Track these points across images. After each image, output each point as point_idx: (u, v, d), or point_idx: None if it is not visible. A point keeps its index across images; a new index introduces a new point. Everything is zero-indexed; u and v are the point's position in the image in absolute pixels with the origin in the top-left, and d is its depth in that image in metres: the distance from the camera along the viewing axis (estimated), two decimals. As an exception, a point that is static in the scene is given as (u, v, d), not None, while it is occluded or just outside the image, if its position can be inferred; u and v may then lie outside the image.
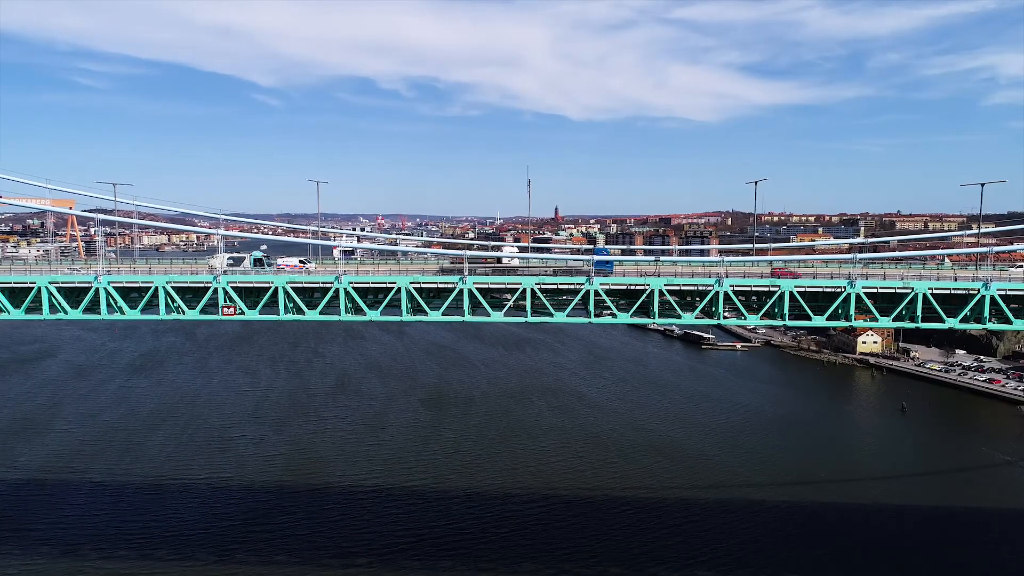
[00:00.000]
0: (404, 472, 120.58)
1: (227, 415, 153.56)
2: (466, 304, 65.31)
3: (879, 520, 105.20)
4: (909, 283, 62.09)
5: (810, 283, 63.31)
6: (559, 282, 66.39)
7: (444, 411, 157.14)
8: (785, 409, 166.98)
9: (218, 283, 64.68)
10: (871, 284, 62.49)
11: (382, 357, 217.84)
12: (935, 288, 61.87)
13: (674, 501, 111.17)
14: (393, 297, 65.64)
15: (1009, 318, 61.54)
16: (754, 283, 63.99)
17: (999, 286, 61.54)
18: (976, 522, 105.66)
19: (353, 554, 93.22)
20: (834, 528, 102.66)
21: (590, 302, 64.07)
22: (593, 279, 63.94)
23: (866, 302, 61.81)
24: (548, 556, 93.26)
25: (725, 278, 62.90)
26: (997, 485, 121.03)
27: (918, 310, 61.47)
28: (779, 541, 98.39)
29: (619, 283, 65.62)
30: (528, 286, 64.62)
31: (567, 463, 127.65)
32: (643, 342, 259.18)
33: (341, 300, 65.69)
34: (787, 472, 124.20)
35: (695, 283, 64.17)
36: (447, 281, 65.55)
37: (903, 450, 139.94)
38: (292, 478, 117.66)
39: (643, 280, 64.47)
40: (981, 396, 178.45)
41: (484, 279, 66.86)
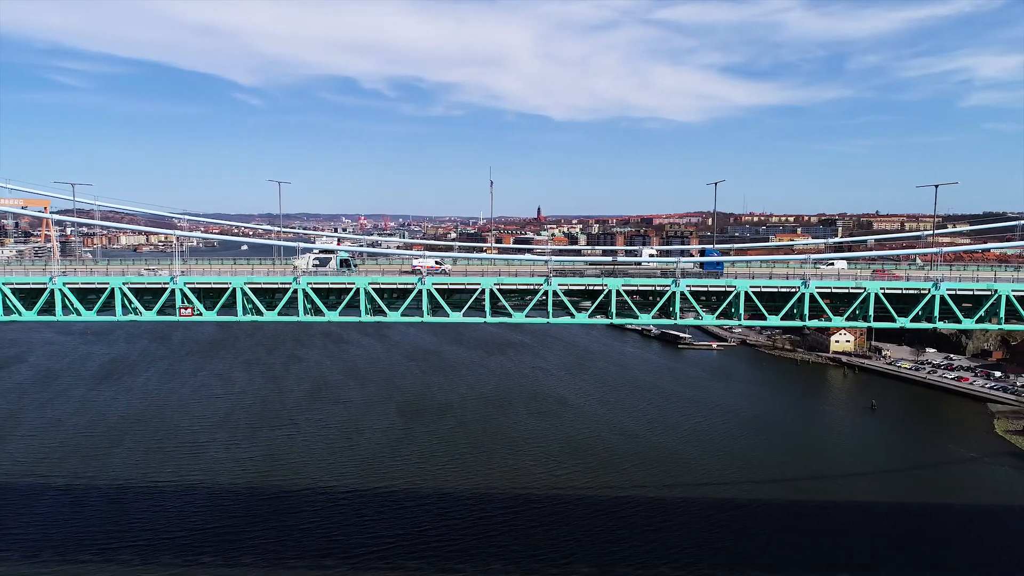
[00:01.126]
0: (375, 479, 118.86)
1: (196, 421, 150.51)
2: (425, 305, 65.24)
3: (845, 517, 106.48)
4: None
5: (765, 283, 64.04)
6: (518, 283, 66.68)
7: (420, 417, 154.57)
8: (758, 408, 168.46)
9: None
10: (825, 284, 63.33)
11: (361, 361, 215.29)
12: (887, 288, 62.83)
13: (646, 500, 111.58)
14: (354, 298, 65.51)
15: (959, 317, 62.63)
16: (710, 283, 64.61)
17: (948, 286, 62.62)
18: (938, 517, 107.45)
19: (320, 558, 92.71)
20: (802, 525, 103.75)
21: (549, 302, 64.30)
22: (551, 279, 64.12)
23: (819, 302, 62.61)
24: (520, 557, 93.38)
25: (682, 279, 63.42)
26: (960, 481, 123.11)
27: (870, 310, 62.37)
28: (749, 539, 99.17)
29: (578, 284, 65.98)
30: (487, 287, 64.79)
31: (542, 465, 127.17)
32: (621, 342, 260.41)
33: (300, 301, 65.34)
34: (757, 471, 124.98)
35: (652, 283, 64.67)
36: (406, 282, 65.49)
37: (871, 448, 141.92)
38: (260, 484, 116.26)
39: (600, 280, 64.88)
40: (950, 394, 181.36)
41: (443, 279, 66.91)
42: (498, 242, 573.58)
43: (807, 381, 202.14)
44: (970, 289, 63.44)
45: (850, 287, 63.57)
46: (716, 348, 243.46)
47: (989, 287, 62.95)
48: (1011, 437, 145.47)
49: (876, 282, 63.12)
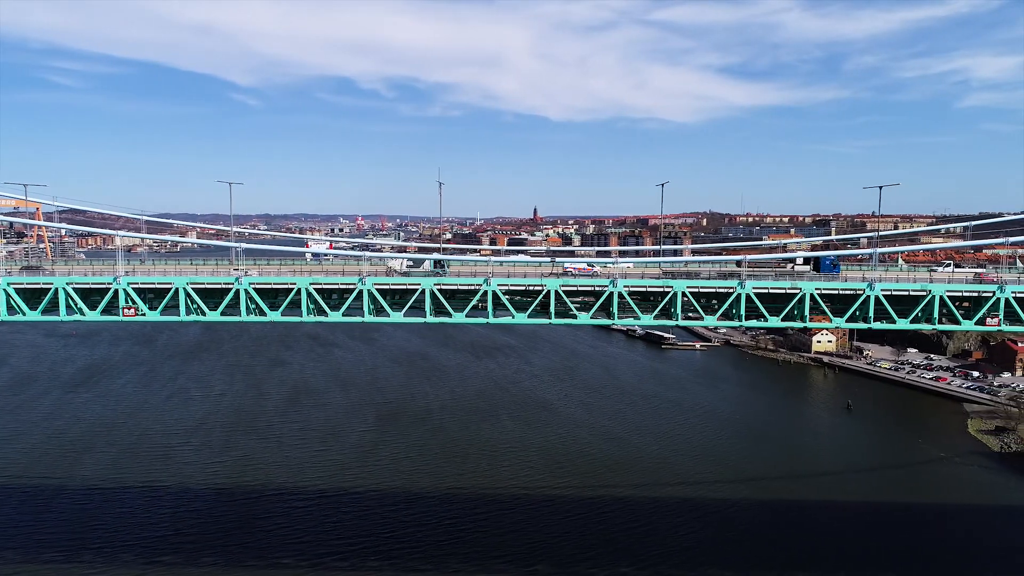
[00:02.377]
0: (345, 483, 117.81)
1: (169, 426, 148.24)
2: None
3: (815, 516, 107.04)
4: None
5: (702, 283, 64.62)
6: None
7: (399, 423, 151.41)
8: (736, 409, 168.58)
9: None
10: (760, 284, 63.86)
11: (346, 365, 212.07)
12: (821, 288, 63.34)
13: (618, 502, 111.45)
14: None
15: (893, 317, 63.21)
16: (648, 283, 65.19)
17: (883, 286, 63.15)
18: (905, 516, 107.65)
19: (282, 557, 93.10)
20: (772, 524, 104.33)
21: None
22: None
23: (755, 302, 63.15)
24: (486, 557, 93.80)
25: (620, 279, 64.12)
26: (928, 480, 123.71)
27: (806, 310, 62.90)
28: (720, 540, 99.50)
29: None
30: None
31: (515, 469, 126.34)
32: (607, 342, 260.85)
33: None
34: (731, 471, 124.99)
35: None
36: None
37: (844, 448, 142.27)
38: (229, 488, 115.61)
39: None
40: (927, 394, 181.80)
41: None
42: (492, 243, 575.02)
43: (787, 381, 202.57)
44: (905, 290, 63.96)
45: (786, 287, 64.09)
46: (699, 348, 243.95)
47: (923, 288, 63.49)
48: (982, 437, 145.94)
49: (811, 283, 63.60)
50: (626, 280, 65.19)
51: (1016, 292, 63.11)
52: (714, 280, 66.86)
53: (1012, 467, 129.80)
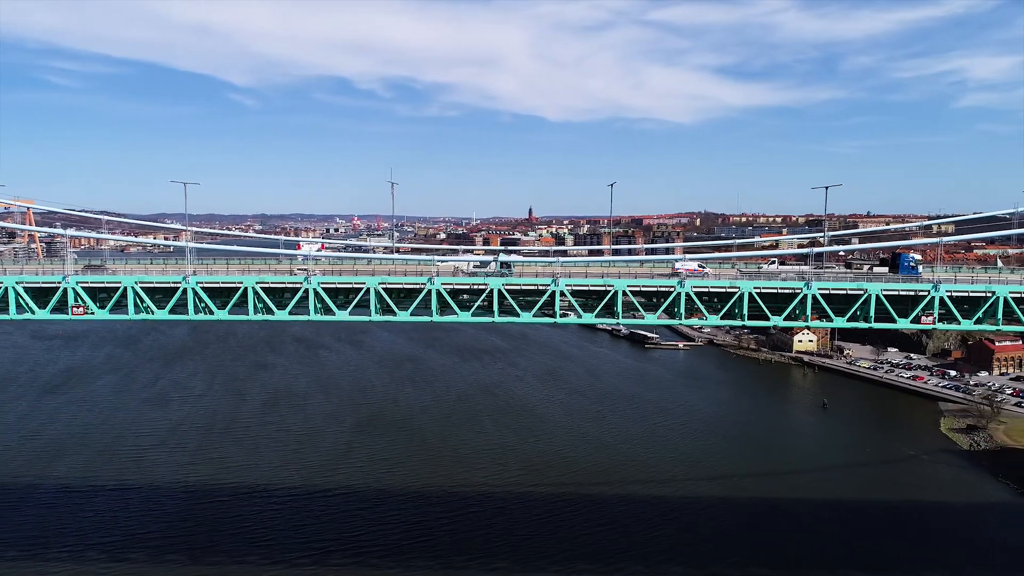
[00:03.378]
0: (315, 485, 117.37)
1: (143, 429, 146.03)
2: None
3: (785, 513, 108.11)
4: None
5: (644, 282, 65.70)
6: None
7: (376, 428, 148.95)
8: (713, 408, 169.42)
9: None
10: (701, 284, 64.82)
11: (331, 368, 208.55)
12: (760, 287, 64.28)
13: (590, 502, 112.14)
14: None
15: (831, 316, 64.23)
16: (713, 284, 66.71)
17: (820, 285, 64.13)
18: (868, 513, 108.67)
19: (245, 555, 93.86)
20: (743, 520, 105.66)
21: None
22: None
23: (696, 302, 64.15)
24: (450, 553, 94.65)
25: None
26: (894, 478, 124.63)
27: (744, 309, 63.85)
28: (690, 536, 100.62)
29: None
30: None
31: (487, 470, 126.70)
32: (592, 342, 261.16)
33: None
34: (703, 470, 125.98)
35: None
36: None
37: (817, 446, 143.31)
38: (198, 490, 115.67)
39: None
40: (904, 392, 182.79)
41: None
42: (485, 243, 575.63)
43: (767, 380, 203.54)
44: (843, 288, 64.93)
45: (725, 286, 65.04)
46: (683, 348, 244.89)
47: (859, 287, 64.46)
48: (953, 435, 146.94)
49: (750, 282, 64.54)
50: (567, 280, 66.02)
51: (950, 291, 64.07)
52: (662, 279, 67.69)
53: (979, 465, 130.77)
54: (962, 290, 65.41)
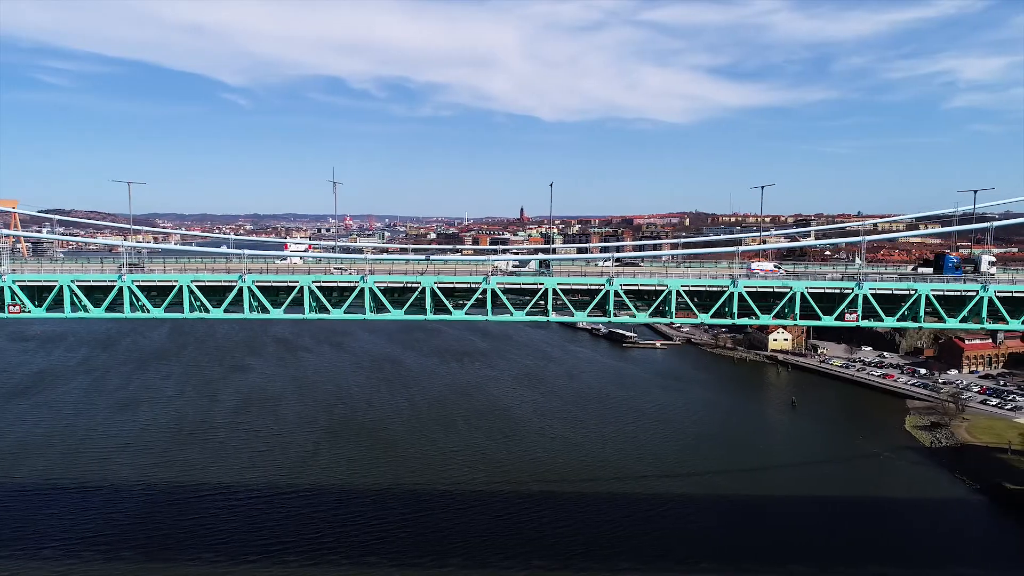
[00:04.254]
0: (277, 488, 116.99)
1: (111, 432, 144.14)
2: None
3: (743, 510, 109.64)
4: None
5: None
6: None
7: (346, 433, 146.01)
8: (684, 407, 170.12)
9: None
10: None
11: (309, 371, 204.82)
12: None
13: (553, 499, 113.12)
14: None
15: (757, 313, 65.43)
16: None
17: (746, 284, 65.55)
18: (826, 509, 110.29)
19: (200, 553, 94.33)
20: (704, 517, 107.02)
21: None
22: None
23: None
24: (407, 554, 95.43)
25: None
26: (856, 475, 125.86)
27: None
28: (651, 532, 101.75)
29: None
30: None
31: (456, 471, 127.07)
32: (573, 342, 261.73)
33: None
34: (668, 468, 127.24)
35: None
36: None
37: (782, 444, 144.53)
38: (159, 491, 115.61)
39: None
40: (874, 390, 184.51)
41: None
42: (475, 243, 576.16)
43: (741, 379, 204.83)
44: (769, 287, 66.13)
45: (654, 284, 66.12)
46: (660, 347, 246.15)
47: (784, 285, 65.71)
48: (916, 432, 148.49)
49: (678, 280, 65.68)
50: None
51: (873, 288, 65.26)
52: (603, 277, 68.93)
53: (938, 462, 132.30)
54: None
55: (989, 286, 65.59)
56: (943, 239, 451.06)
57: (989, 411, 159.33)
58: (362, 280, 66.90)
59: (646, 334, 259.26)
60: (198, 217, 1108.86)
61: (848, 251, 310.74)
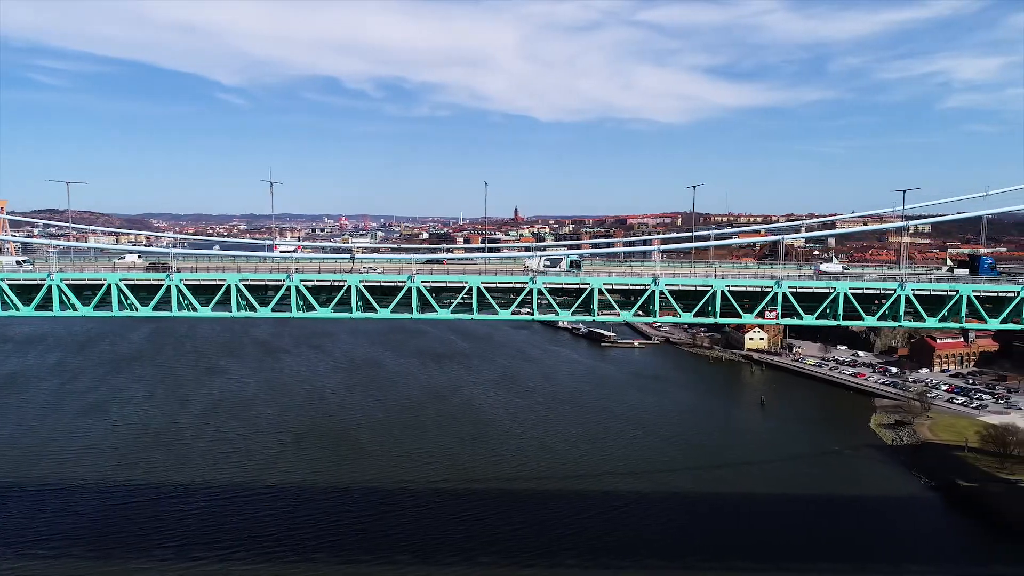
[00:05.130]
0: (235, 490, 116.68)
1: (72, 436, 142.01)
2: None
3: (698, 508, 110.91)
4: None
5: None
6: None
7: (313, 439, 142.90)
8: (655, 407, 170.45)
9: None
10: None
11: (285, 374, 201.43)
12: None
13: (512, 499, 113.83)
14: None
15: (678, 311, 66.75)
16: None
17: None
18: (783, 506, 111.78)
19: (148, 550, 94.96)
20: (662, 514, 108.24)
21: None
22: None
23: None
24: (356, 551, 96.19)
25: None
26: (813, 472, 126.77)
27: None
28: (608, 530, 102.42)
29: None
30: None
31: (417, 472, 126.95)
32: (553, 342, 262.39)
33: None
34: (630, 467, 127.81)
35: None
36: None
37: (747, 442, 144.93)
38: (113, 491, 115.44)
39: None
40: (845, 389, 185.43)
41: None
42: (466, 243, 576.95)
43: (715, 379, 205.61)
44: (692, 285, 67.76)
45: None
46: (638, 346, 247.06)
47: (705, 283, 67.47)
48: (880, 430, 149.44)
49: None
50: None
51: (791, 287, 66.16)
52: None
53: (897, 459, 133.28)
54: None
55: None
56: (932, 239, 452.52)
57: (955, 409, 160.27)
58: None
59: (625, 333, 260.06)
60: (193, 217, 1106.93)
61: (827, 249, 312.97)
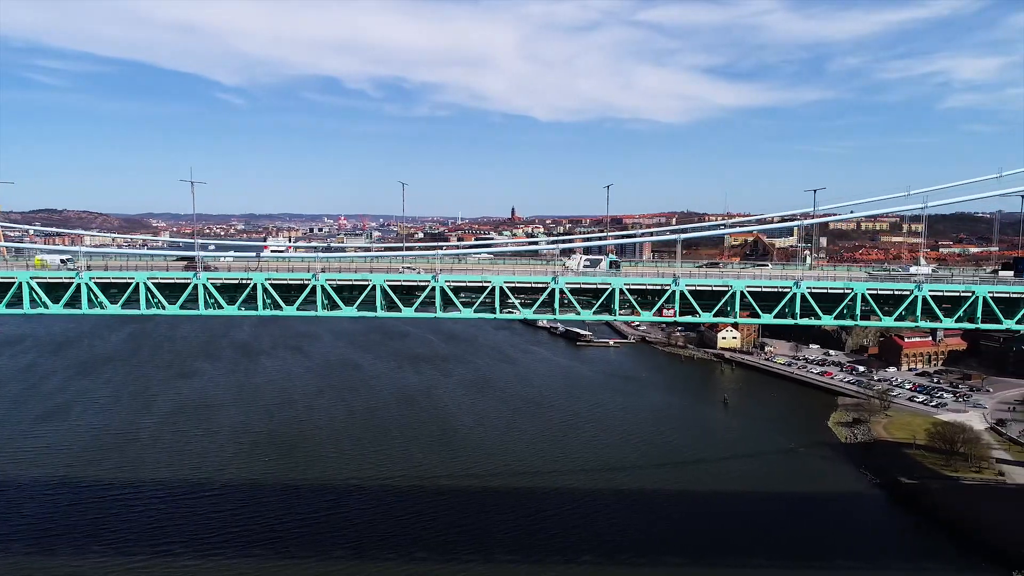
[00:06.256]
0: (179, 492, 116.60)
1: (25, 439, 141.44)
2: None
3: (652, 504, 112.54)
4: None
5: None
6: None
7: (273, 438, 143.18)
8: (622, 407, 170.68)
9: None
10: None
11: (258, 378, 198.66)
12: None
13: (465, 495, 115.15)
14: None
15: (577, 308, 68.43)
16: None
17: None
18: (728, 503, 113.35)
19: (89, 545, 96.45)
20: (606, 512, 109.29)
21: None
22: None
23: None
24: (292, 548, 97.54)
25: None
26: (764, 469, 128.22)
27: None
28: (551, 528, 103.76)
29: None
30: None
31: (364, 471, 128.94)
32: (531, 342, 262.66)
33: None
34: (588, 467, 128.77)
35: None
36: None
37: (704, 441, 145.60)
38: (61, 492, 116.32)
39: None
40: (811, 388, 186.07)
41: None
42: (459, 241, 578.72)
43: (686, 378, 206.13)
44: (705, 285, 70.10)
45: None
46: (614, 345, 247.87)
47: (604, 281, 69.13)
48: (836, 428, 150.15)
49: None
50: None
51: (688, 285, 67.44)
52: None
53: (848, 456, 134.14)
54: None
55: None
56: (925, 238, 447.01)
57: (914, 408, 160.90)
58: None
59: (602, 332, 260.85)
60: (191, 217, 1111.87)
61: (818, 249, 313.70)
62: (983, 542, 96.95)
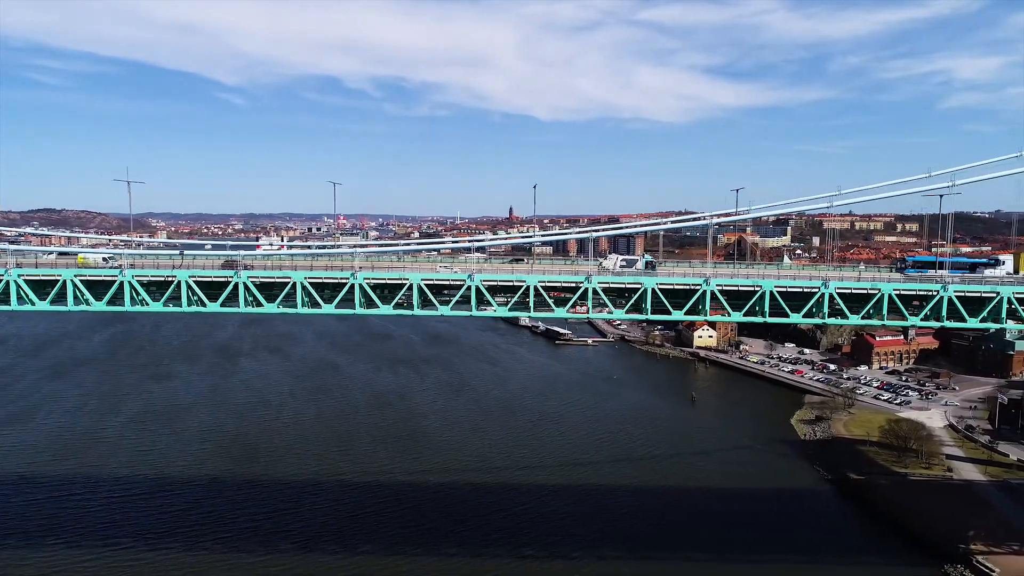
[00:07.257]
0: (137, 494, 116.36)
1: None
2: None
3: (611, 498, 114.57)
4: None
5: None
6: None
7: (238, 442, 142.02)
8: (592, 406, 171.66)
9: None
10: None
11: (234, 381, 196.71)
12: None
13: (425, 492, 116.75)
14: None
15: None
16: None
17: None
18: (678, 498, 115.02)
19: (42, 540, 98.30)
20: (559, 508, 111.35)
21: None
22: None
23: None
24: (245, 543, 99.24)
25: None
26: (720, 465, 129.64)
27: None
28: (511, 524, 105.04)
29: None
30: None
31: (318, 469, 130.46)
32: (512, 340, 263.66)
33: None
34: (548, 464, 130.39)
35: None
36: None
37: (668, 438, 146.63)
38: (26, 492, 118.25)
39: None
40: (782, 386, 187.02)
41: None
42: (453, 240, 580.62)
43: (660, 377, 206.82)
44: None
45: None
46: (592, 344, 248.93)
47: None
48: (798, 426, 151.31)
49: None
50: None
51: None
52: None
53: (804, 453, 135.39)
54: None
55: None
56: (918, 237, 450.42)
57: (879, 405, 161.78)
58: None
59: (581, 331, 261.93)
60: (192, 216, 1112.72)
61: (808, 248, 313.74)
62: (921, 536, 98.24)
